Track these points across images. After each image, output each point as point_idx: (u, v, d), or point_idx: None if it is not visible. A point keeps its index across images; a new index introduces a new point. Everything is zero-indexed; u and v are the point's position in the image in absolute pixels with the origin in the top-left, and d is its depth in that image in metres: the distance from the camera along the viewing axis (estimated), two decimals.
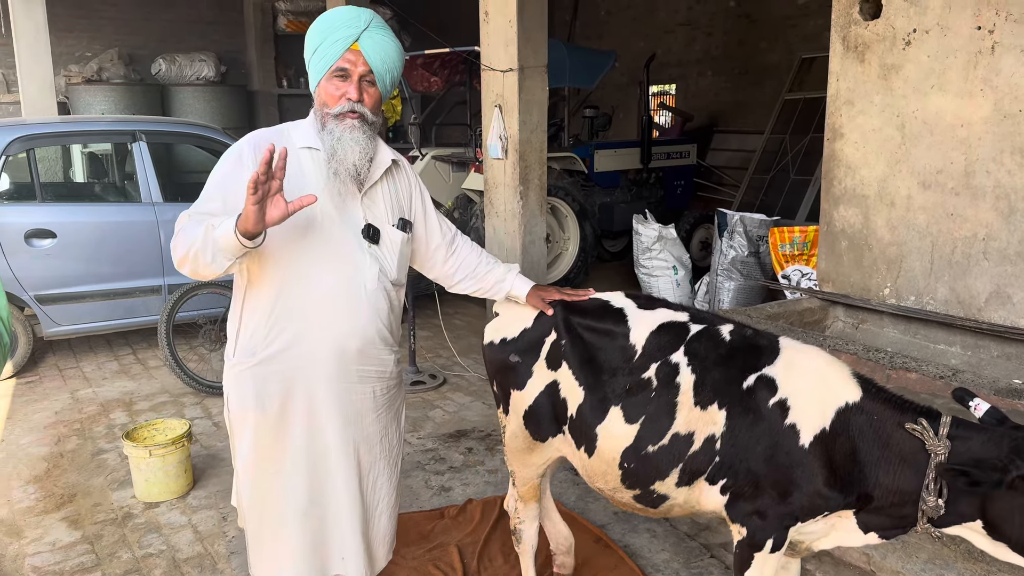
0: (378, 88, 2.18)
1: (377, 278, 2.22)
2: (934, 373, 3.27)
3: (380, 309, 2.25)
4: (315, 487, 2.24)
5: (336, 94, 2.14)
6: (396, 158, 2.36)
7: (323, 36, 2.14)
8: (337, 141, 2.12)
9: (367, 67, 2.13)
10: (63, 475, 4.11)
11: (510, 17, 5.92)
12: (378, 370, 2.30)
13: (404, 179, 2.40)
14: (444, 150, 8.50)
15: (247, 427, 2.22)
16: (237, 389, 2.23)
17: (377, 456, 2.34)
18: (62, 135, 6.16)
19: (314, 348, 2.17)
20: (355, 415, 2.27)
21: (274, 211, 1.89)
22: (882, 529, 2.07)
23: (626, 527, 3.49)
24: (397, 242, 2.28)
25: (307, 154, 2.19)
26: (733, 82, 11.17)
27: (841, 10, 4.19)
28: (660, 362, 2.25)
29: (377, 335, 2.26)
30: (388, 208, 2.29)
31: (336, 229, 2.17)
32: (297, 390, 2.19)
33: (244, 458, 2.26)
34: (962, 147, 3.72)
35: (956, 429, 1.91)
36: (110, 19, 11.92)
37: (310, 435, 2.22)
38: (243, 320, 2.22)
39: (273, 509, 2.25)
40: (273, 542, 2.28)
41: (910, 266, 4.00)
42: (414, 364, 5.56)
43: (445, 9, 12.21)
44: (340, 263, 2.18)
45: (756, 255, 6.09)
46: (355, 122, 2.13)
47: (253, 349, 2.19)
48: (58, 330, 5.66)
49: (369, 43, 2.12)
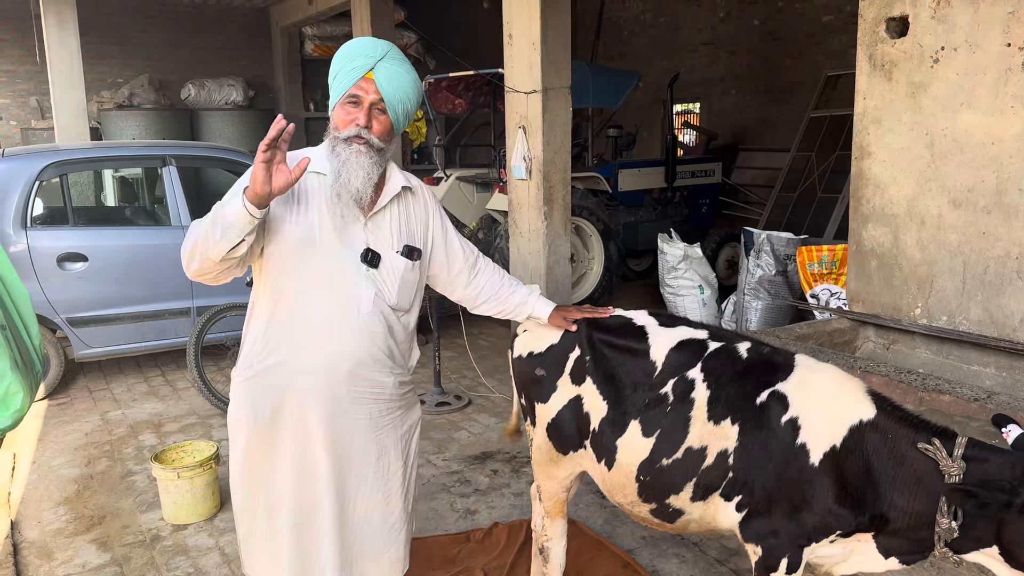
0: (389, 117, 2.23)
1: (373, 301, 2.26)
2: (968, 395, 3.21)
3: (375, 332, 2.28)
4: (303, 500, 2.28)
5: (347, 119, 2.20)
6: (410, 185, 2.38)
7: (343, 64, 2.22)
8: (343, 164, 2.18)
9: (378, 95, 2.19)
10: (93, 497, 4.15)
11: (534, 40, 5.96)
12: (374, 392, 2.31)
13: (420, 206, 2.42)
14: (468, 171, 8.55)
15: (240, 435, 2.30)
16: (235, 399, 2.32)
17: (369, 475, 2.35)
18: (94, 160, 6.27)
19: (305, 365, 2.23)
20: (345, 434, 2.29)
21: (279, 176, 2.00)
22: (901, 554, 2.04)
23: (654, 552, 3.44)
24: (399, 268, 2.31)
25: (315, 178, 2.26)
26: (758, 100, 11.14)
27: (867, 28, 4.16)
28: (677, 378, 2.29)
29: (370, 357, 2.28)
30: (394, 234, 2.32)
31: (335, 251, 2.22)
32: (288, 404, 2.24)
33: (236, 464, 2.33)
34: (993, 165, 3.67)
35: (972, 450, 1.87)
36: (141, 46, 12.18)
37: (299, 449, 2.26)
38: (247, 334, 2.32)
39: (263, 517, 2.31)
40: (263, 548, 2.33)
41: (942, 286, 3.93)
42: (439, 385, 5.56)
43: (469, 32, 12.33)
44: (336, 284, 2.22)
45: (784, 274, 6.03)
46: (361, 147, 2.19)
47: (251, 361, 2.27)
48: (89, 352, 5.74)
49: (383, 73, 2.19)
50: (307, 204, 2.22)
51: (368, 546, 2.39)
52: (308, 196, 2.23)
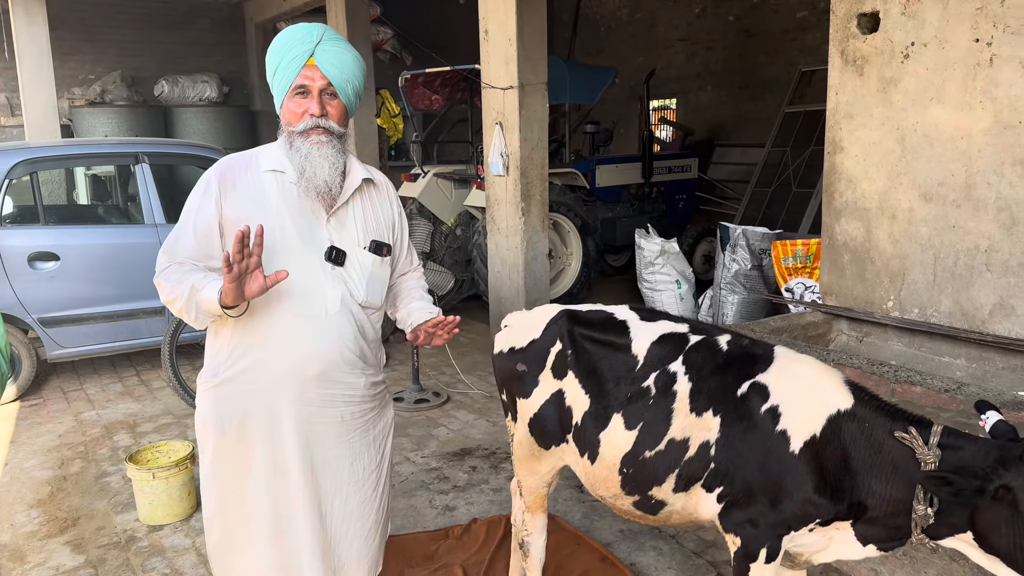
0: (341, 100, 2.18)
1: (341, 301, 2.21)
2: (939, 387, 3.25)
3: (345, 333, 2.23)
4: (278, 508, 2.24)
5: (298, 111, 2.14)
6: (372, 177, 2.34)
7: (280, 56, 2.14)
8: (305, 159, 2.13)
9: (325, 80, 2.13)
10: (67, 499, 4.10)
11: (510, 35, 5.96)
12: (345, 394, 2.28)
13: (384, 200, 2.38)
14: (446, 167, 8.54)
15: (208, 444, 2.26)
16: (201, 408, 2.28)
17: (344, 480, 2.31)
18: (65, 158, 6.19)
19: (273, 371, 2.18)
20: (316, 438, 2.25)
21: (252, 285, 1.97)
22: (879, 541, 2.07)
23: (632, 545, 3.46)
24: (367, 265, 2.26)
25: (271, 177, 2.20)
26: (733, 96, 11.21)
27: (839, 24, 4.20)
28: (659, 371, 2.31)
29: (341, 359, 2.24)
30: (359, 229, 2.27)
31: (299, 252, 2.16)
32: (256, 412, 2.20)
33: (206, 473, 2.29)
34: (963, 159, 3.72)
35: (947, 438, 1.90)
36: (112, 42, 12.01)
37: (271, 457, 2.22)
38: (211, 341, 2.27)
39: (236, 528, 2.27)
40: (241, 559, 2.28)
41: (913, 279, 3.99)
42: (418, 382, 5.55)
43: (446, 28, 12.29)
44: (301, 286, 2.17)
45: (759, 268, 6.08)
46: (322, 137, 2.13)
47: (216, 369, 2.23)
48: (62, 352, 5.66)
49: (324, 56, 2.12)
50: (266, 207, 2.16)
51: (347, 554, 2.36)
52: (267, 198, 2.18)
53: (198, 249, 2.16)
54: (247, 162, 2.23)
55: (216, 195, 2.15)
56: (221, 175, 2.18)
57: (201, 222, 2.15)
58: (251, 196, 2.16)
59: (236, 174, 2.19)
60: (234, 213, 2.13)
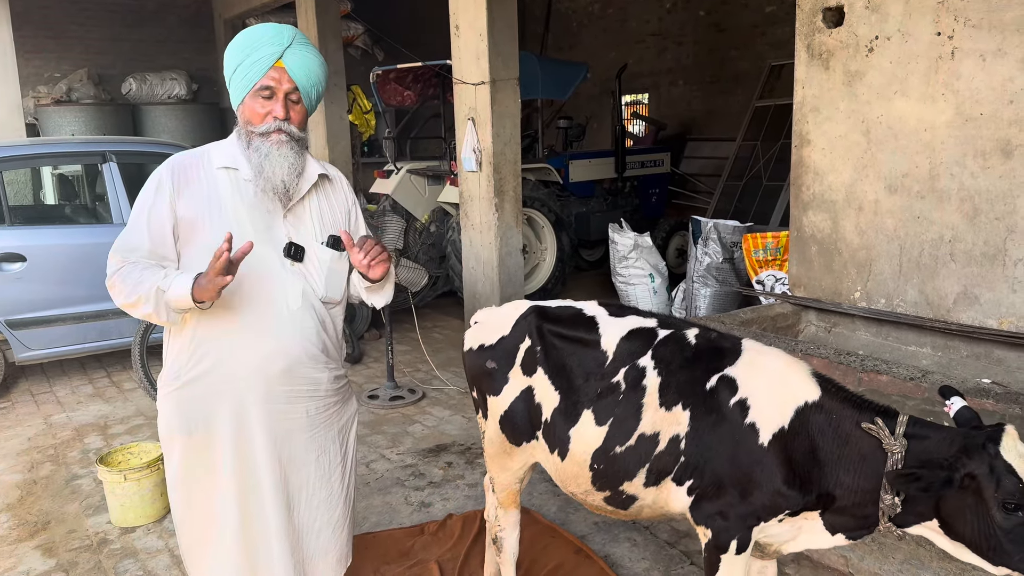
0: (304, 105, 2.18)
1: (302, 296, 2.21)
2: (905, 375, 3.32)
3: (307, 328, 2.23)
4: (247, 508, 2.24)
5: (261, 112, 2.13)
6: (327, 172, 2.33)
7: (245, 54, 2.12)
8: (264, 158, 2.12)
9: (292, 84, 2.12)
10: (36, 502, 4.04)
11: (480, 30, 5.96)
12: (309, 389, 2.28)
13: (340, 195, 2.37)
14: (419, 164, 8.51)
15: (175, 448, 2.25)
16: (164, 411, 2.25)
17: (311, 475, 2.32)
18: (31, 157, 6.09)
19: (237, 370, 2.17)
20: (283, 435, 2.25)
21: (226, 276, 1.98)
22: (848, 530, 2.10)
23: (607, 537, 3.49)
24: (326, 260, 2.25)
25: (224, 174, 2.19)
26: (704, 90, 11.28)
27: (805, 18, 4.25)
28: (629, 366, 2.31)
29: (304, 354, 2.24)
30: (316, 225, 2.27)
31: (256, 249, 2.13)
32: (222, 412, 2.19)
33: (173, 476, 2.28)
34: (926, 151, 3.79)
35: (913, 428, 1.94)
36: (78, 39, 11.82)
37: (238, 457, 2.21)
38: (170, 343, 2.25)
39: (206, 529, 2.26)
40: (211, 558, 2.28)
41: (879, 269, 4.05)
42: (392, 379, 5.54)
43: (417, 23, 12.24)
44: (261, 283, 2.17)
45: (731, 261, 6.14)
46: (283, 138, 2.12)
47: (177, 372, 2.21)
48: (30, 355, 5.58)
49: (293, 60, 2.11)
50: (220, 205, 2.15)
51: (314, 546, 2.37)
52: (220, 197, 2.16)
53: (152, 248, 2.14)
54: (198, 160, 2.20)
55: (169, 193, 2.13)
56: (173, 173, 2.15)
57: (155, 221, 2.13)
58: (204, 194, 2.14)
59: (188, 172, 2.17)
60: (188, 212, 2.12)
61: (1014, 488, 1.76)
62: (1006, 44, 3.44)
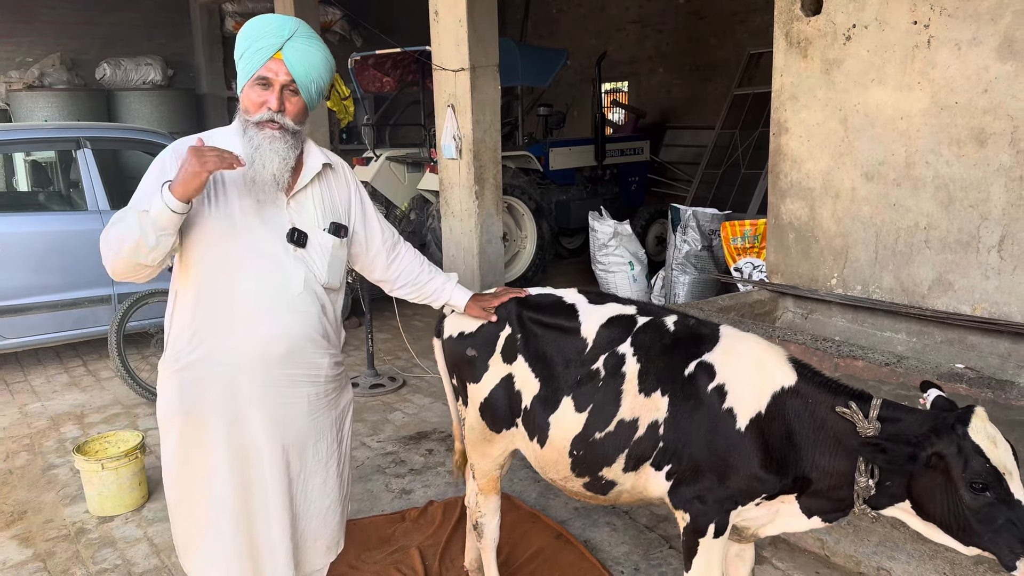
0: (302, 97, 2.17)
1: (304, 282, 2.22)
2: (880, 360, 3.36)
3: (308, 313, 2.25)
4: (244, 491, 2.24)
5: (257, 102, 2.13)
6: (330, 162, 2.34)
7: (249, 43, 2.12)
8: (255, 150, 2.11)
9: (289, 77, 2.12)
10: (12, 492, 4.00)
11: (460, 17, 5.92)
12: (310, 374, 2.29)
13: (342, 183, 2.39)
14: (399, 151, 8.47)
15: (173, 431, 2.24)
16: (164, 393, 2.24)
17: (309, 459, 2.33)
18: (3, 143, 5.99)
19: (238, 353, 2.17)
20: (284, 419, 2.26)
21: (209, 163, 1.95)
22: (824, 512, 2.14)
23: (586, 522, 3.52)
24: (328, 246, 2.27)
25: None
26: (684, 78, 11.31)
27: (783, 6, 4.27)
28: (608, 353, 2.34)
29: (305, 338, 2.25)
30: (319, 212, 2.28)
31: (258, 234, 2.16)
32: (221, 395, 2.19)
33: (169, 460, 2.27)
34: (903, 139, 3.82)
35: (886, 411, 1.98)
36: (51, 23, 11.60)
37: (237, 440, 2.21)
38: (172, 325, 2.24)
39: (202, 512, 2.26)
40: (204, 543, 2.28)
41: (856, 256, 4.09)
42: (372, 367, 5.53)
43: (396, 9, 12.15)
44: (263, 268, 2.17)
45: (709, 249, 6.18)
46: (275, 132, 2.12)
47: (178, 354, 2.20)
48: (4, 344, 5.50)
49: (293, 53, 2.11)
50: (224, 189, 2.15)
51: (308, 531, 2.38)
52: (223, 180, 2.16)
53: None
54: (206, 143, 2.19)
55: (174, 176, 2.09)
56: (176, 158, 2.13)
57: None
58: (212, 178, 2.13)
59: None
60: None
61: (981, 468, 1.79)
62: (981, 33, 3.48)
